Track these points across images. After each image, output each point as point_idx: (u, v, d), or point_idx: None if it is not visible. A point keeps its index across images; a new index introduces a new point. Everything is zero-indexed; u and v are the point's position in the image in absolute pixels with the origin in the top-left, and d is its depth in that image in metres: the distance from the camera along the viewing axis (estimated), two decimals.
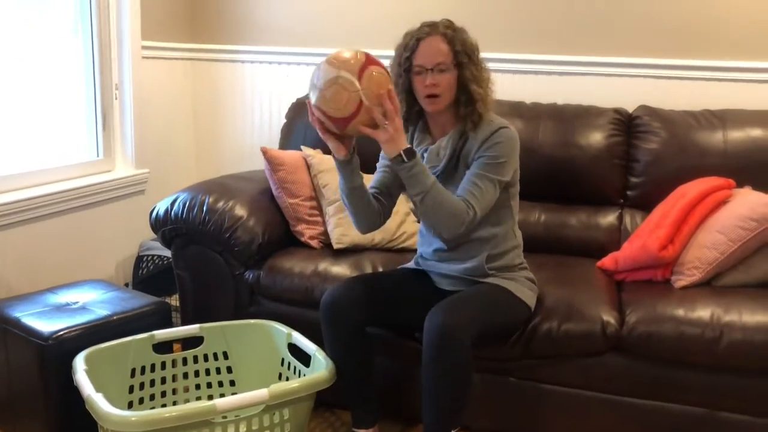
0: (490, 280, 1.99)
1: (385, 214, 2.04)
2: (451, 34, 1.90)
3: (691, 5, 2.66)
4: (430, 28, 1.91)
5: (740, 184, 2.33)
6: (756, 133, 2.42)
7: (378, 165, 2.10)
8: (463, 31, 1.94)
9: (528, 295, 2.01)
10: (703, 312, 1.96)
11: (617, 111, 2.61)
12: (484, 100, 1.93)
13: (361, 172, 1.93)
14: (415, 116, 2.02)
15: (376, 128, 1.76)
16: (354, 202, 1.93)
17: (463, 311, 1.82)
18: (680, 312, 1.97)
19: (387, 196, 2.04)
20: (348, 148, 1.85)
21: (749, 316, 1.92)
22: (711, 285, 2.15)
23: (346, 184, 1.90)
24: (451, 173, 1.97)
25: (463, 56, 1.90)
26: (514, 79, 2.86)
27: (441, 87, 1.88)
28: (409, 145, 1.81)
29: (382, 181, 2.04)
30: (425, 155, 1.99)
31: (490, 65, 2.00)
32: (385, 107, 1.74)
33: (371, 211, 1.97)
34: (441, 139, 1.98)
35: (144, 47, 2.99)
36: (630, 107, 2.65)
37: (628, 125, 2.59)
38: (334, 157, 1.88)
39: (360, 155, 1.92)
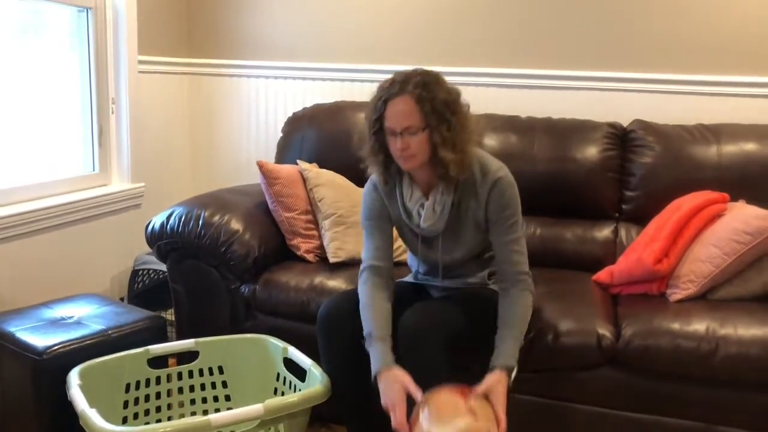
0: (485, 293, 1.99)
1: (392, 277, 1.98)
2: (419, 93, 1.76)
3: (685, 21, 2.69)
4: (400, 86, 1.78)
5: (734, 198, 2.34)
6: (750, 147, 2.43)
7: (365, 227, 1.99)
8: (437, 84, 1.80)
9: None
10: (699, 325, 1.96)
11: (612, 125, 2.62)
12: (458, 164, 1.81)
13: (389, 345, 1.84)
14: (396, 172, 1.93)
15: None
16: None
17: (437, 314, 1.83)
18: (676, 325, 1.97)
19: (388, 259, 1.97)
20: None
21: (744, 330, 1.93)
22: (706, 298, 2.15)
23: None
24: (453, 228, 1.92)
25: (432, 118, 1.77)
26: (510, 93, 2.88)
27: (412, 148, 1.79)
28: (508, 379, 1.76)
29: (381, 249, 1.96)
30: (422, 212, 1.91)
31: (485, 80, 1.98)
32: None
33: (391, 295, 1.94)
34: (433, 193, 1.89)
35: (141, 62, 3.00)
36: (624, 121, 2.66)
37: (622, 139, 2.61)
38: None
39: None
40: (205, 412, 2.17)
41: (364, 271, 1.94)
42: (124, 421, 2.04)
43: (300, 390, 1.98)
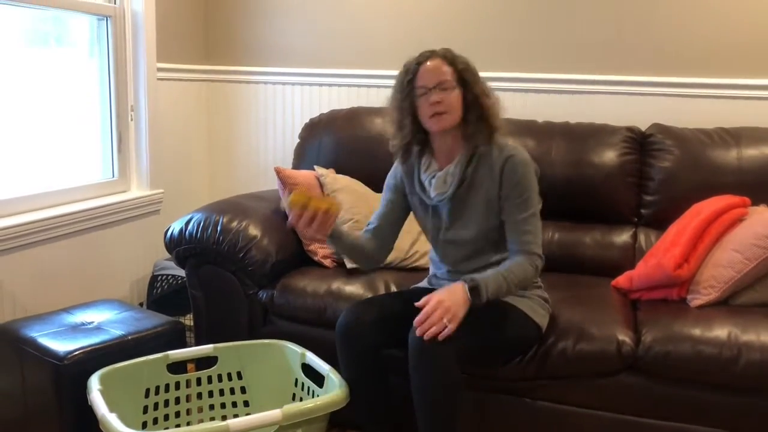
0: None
1: (386, 248, 2.09)
2: (451, 56, 1.91)
3: (703, 23, 2.67)
4: (430, 53, 1.92)
5: (755, 202, 2.31)
6: None
7: (382, 198, 2.10)
8: (464, 57, 1.94)
9: (539, 314, 2.00)
10: (720, 331, 1.94)
11: (630, 129, 2.61)
12: (496, 116, 1.93)
13: (347, 233, 1.99)
14: (420, 142, 2.00)
15: None
16: (350, 255, 2.03)
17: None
18: (697, 331, 1.95)
19: (387, 230, 2.07)
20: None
21: None
22: (728, 304, 2.13)
23: (338, 250, 2.00)
24: (462, 199, 1.96)
25: (468, 74, 1.90)
26: (526, 98, 2.87)
27: (445, 104, 1.87)
28: (467, 295, 1.77)
29: (383, 216, 2.07)
30: (432, 182, 1.98)
31: (502, 84, 2.02)
32: None
33: (365, 255, 2.05)
34: (448, 165, 1.96)
35: (159, 69, 3.03)
36: (643, 125, 2.65)
37: (641, 143, 2.59)
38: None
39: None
40: (224, 418, 2.17)
41: (365, 231, 2.09)
42: (144, 426, 2.05)
43: (318, 396, 1.98)
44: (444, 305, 1.73)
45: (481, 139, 1.92)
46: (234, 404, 2.20)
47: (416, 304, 1.76)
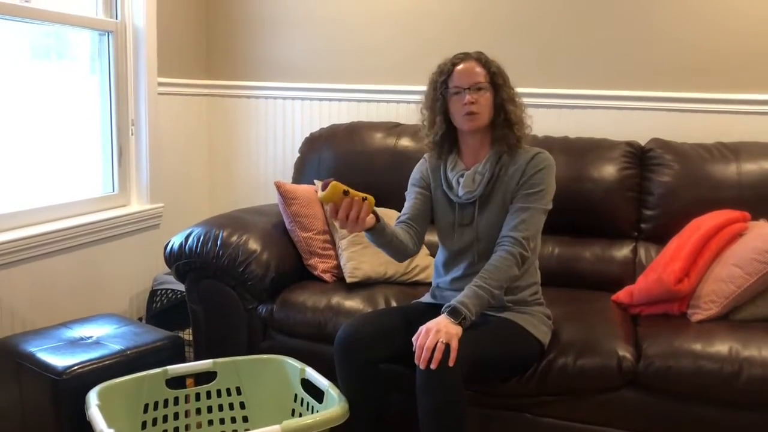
0: (504, 314, 1.98)
1: (420, 239, 2.08)
2: (484, 58, 1.99)
3: (702, 39, 2.68)
4: (464, 55, 1.99)
5: (755, 217, 2.31)
6: None
7: (408, 192, 2.13)
8: (497, 62, 2.01)
9: (542, 331, 1.99)
10: (722, 346, 1.93)
11: (630, 144, 2.61)
12: (521, 123, 1.98)
13: (385, 224, 1.92)
14: (450, 142, 2.05)
15: None
16: (386, 248, 1.97)
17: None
18: (698, 346, 1.94)
19: (420, 221, 2.08)
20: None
21: None
22: (728, 319, 2.12)
23: (376, 242, 1.94)
24: (486, 198, 1.99)
25: (499, 78, 1.97)
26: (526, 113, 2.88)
27: (479, 104, 1.93)
28: (449, 319, 1.77)
29: (415, 207, 2.08)
30: (461, 180, 2.01)
31: None
32: None
33: (404, 246, 2.00)
34: (477, 164, 2.00)
35: (160, 84, 3.04)
36: (642, 140, 2.65)
37: (640, 158, 2.59)
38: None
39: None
40: None
41: (396, 224, 2.07)
42: None
43: (318, 411, 1.97)
44: (432, 330, 1.73)
45: (507, 143, 1.97)
46: (233, 420, 2.19)
47: (413, 339, 1.77)
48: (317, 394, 2.01)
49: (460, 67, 1.96)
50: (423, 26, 3.02)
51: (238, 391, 2.19)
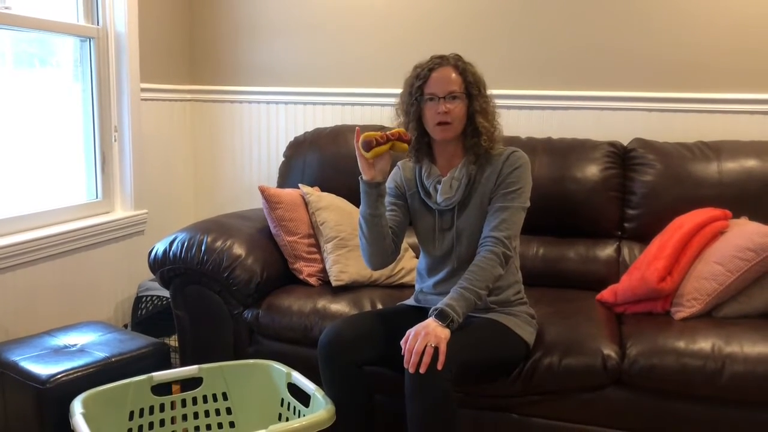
0: (490, 315, 1.98)
1: (397, 251, 2.06)
2: (462, 65, 1.96)
3: (683, 39, 2.71)
4: (441, 60, 1.96)
5: (736, 215, 2.33)
6: (750, 163, 2.43)
7: (386, 203, 2.10)
8: (473, 65, 1.99)
9: (527, 331, 2.00)
10: (705, 343, 1.95)
11: (612, 144, 2.63)
12: (490, 135, 1.96)
13: (384, 206, 1.95)
14: (424, 147, 2.03)
15: None
16: (373, 231, 1.94)
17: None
18: (681, 344, 1.96)
19: (397, 231, 2.06)
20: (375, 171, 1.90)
21: (750, 347, 1.91)
22: (711, 316, 2.14)
23: (368, 210, 1.92)
24: (465, 202, 1.99)
25: (474, 88, 1.94)
26: (509, 114, 2.88)
27: (452, 114, 1.91)
28: (437, 322, 1.77)
29: (391, 219, 2.05)
30: (438, 187, 2.00)
31: None
32: None
33: (387, 245, 1.99)
34: (453, 169, 1.99)
35: (143, 89, 3.03)
36: (624, 140, 2.67)
37: (623, 158, 2.61)
38: (361, 179, 1.92)
39: (359, 188, 1.94)
40: None
41: None
42: None
43: (304, 415, 1.96)
44: (420, 334, 1.73)
45: (476, 151, 1.97)
46: (220, 425, 2.18)
47: (401, 343, 1.77)
48: (304, 398, 2.01)
49: (436, 73, 1.93)
50: (406, 29, 3.03)
51: (225, 396, 2.18)
